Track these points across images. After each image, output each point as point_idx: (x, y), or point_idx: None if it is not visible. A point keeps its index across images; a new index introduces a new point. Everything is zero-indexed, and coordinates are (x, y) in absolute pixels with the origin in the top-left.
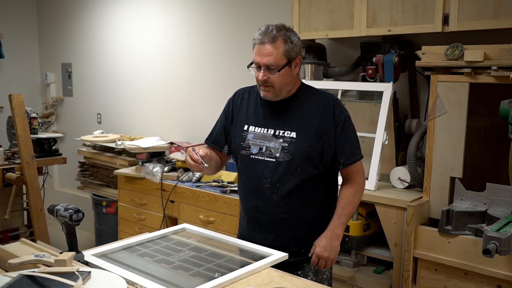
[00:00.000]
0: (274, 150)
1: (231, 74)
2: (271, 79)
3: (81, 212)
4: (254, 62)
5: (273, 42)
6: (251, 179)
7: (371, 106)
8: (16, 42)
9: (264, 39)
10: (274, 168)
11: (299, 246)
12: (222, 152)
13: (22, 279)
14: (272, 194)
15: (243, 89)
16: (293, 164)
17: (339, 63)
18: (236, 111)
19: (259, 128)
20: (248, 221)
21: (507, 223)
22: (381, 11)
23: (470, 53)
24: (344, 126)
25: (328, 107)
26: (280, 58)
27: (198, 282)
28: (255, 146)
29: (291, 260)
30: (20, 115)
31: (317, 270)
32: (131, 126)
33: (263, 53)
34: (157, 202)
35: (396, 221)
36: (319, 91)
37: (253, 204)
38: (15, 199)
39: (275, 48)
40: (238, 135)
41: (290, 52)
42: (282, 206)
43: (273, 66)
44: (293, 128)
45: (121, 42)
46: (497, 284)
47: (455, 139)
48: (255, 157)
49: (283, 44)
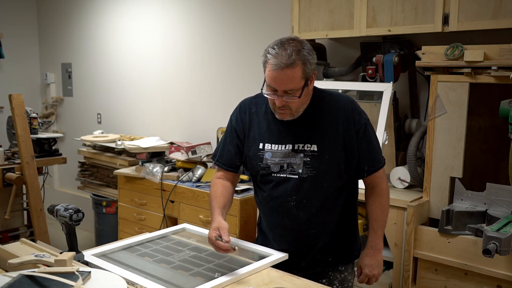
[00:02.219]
0: (296, 166)
1: (231, 74)
2: (290, 103)
3: (81, 212)
4: (268, 86)
5: (293, 67)
6: (274, 198)
7: (371, 106)
8: (16, 42)
9: (281, 63)
10: (298, 185)
11: (325, 255)
12: (237, 173)
13: (22, 279)
14: (298, 211)
15: (247, 101)
16: (318, 179)
17: (339, 63)
18: (247, 128)
19: (276, 145)
20: (274, 239)
21: (507, 223)
22: (381, 11)
23: (470, 53)
24: (366, 132)
25: (347, 113)
26: (299, 82)
27: (198, 282)
28: (275, 164)
29: (318, 270)
30: (20, 115)
31: (343, 279)
32: (131, 126)
33: (281, 80)
34: (157, 202)
35: (396, 221)
36: (333, 94)
37: (278, 223)
38: (15, 199)
39: (294, 73)
40: (254, 155)
41: (308, 73)
42: (310, 222)
43: (292, 92)
44: (313, 141)
45: (121, 42)
46: (497, 284)
47: (455, 139)
48: (276, 175)
49: (302, 67)
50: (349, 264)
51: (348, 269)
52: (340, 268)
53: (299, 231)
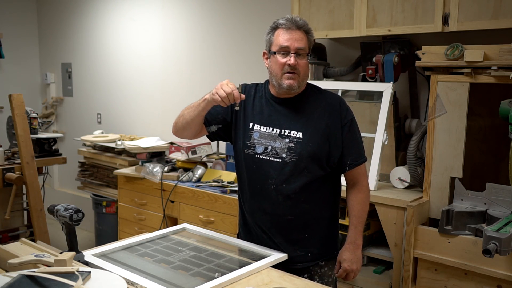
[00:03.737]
0: (280, 150)
1: (231, 73)
2: (300, 64)
3: (81, 212)
4: (281, 47)
5: (304, 29)
6: (256, 179)
7: (371, 106)
8: (16, 42)
9: (295, 24)
10: (280, 168)
11: (305, 250)
12: (207, 128)
13: (22, 279)
14: (278, 195)
15: (249, 85)
16: (300, 165)
17: (339, 63)
18: (242, 106)
19: (264, 127)
20: (255, 224)
21: (507, 223)
22: (381, 11)
23: (470, 53)
24: (351, 127)
25: (335, 108)
26: (306, 45)
27: (198, 282)
28: (260, 145)
29: (298, 266)
30: (20, 115)
31: (323, 274)
32: (131, 126)
33: (294, 38)
34: (157, 202)
35: (396, 221)
36: (324, 91)
37: (258, 205)
38: (15, 199)
39: (304, 34)
40: (243, 133)
41: (310, 43)
42: (288, 207)
43: (303, 51)
44: (299, 128)
45: (121, 42)
46: (497, 284)
47: (455, 139)
48: (260, 156)
49: (308, 35)
50: (329, 260)
51: (329, 264)
52: (320, 263)
53: (277, 215)
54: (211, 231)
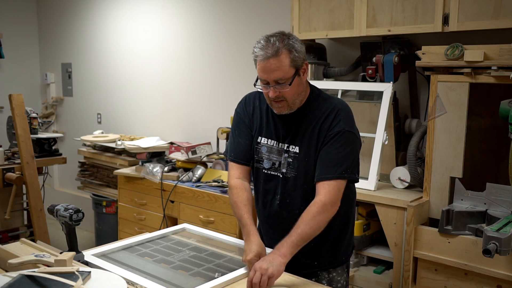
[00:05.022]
0: (282, 165)
1: (231, 73)
2: (283, 93)
3: (81, 212)
4: (260, 79)
5: (278, 55)
6: (264, 194)
7: (371, 106)
8: (16, 42)
9: (267, 53)
10: (283, 184)
11: (311, 259)
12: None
13: (22, 279)
14: (282, 210)
15: (252, 94)
16: (299, 181)
17: (339, 63)
18: (252, 119)
19: (270, 141)
20: (264, 233)
21: (507, 223)
22: (381, 11)
23: (470, 53)
24: (334, 139)
25: (328, 118)
26: (288, 70)
27: (198, 282)
28: (268, 160)
29: (304, 272)
30: (20, 115)
31: (331, 279)
32: (131, 126)
33: (270, 69)
34: (157, 202)
35: (396, 221)
36: (330, 98)
37: (265, 218)
38: (15, 199)
39: (281, 61)
40: (253, 146)
41: (296, 61)
42: (292, 223)
43: (283, 80)
44: (297, 143)
45: (121, 42)
46: (497, 284)
47: (455, 139)
48: (267, 172)
49: (288, 54)
50: (337, 267)
51: (338, 270)
52: (328, 269)
53: (281, 230)
54: (211, 231)
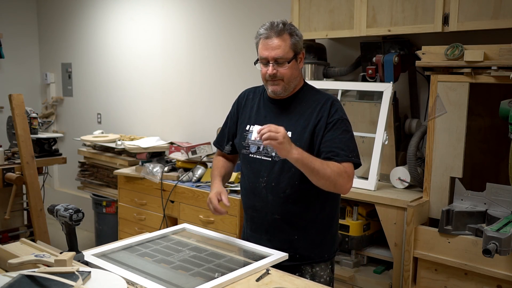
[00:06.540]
0: (270, 149)
1: (231, 73)
2: (281, 72)
3: (81, 212)
4: (260, 58)
5: (280, 35)
6: (250, 178)
7: (371, 106)
8: (16, 42)
9: (271, 33)
10: (270, 167)
11: (293, 251)
12: (223, 151)
13: (22, 279)
14: (267, 193)
15: (248, 89)
16: (287, 163)
17: (339, 63)
18: (240, 112)
19: (259, 127)
20: (246, 220)
21: (507, 223)
22: (381, 11)
23: (470, 53)
24: (336, 125)
25: (325, 106)
26: (288, 51)
27: (198, 282)
28: (254, 145)
29: (286, 264)
30: (20, 115)
31: (314, 273)
32: (131, 126)
33: (271, 47)
34: (157, 202)
35: (396, 221)
36: (320, 91)
37: (250, 203)
38: (15, 199)
39: (283, 41)
40: (240, 134)
41: (296, 45)
42: (276, 206)
43: (282, 59)
44: (289, 127)
45: (121, 42)
46: (497, 284)
47: (455, 139)
48: (253, 156)
49: (289, 37)
50: (320, 263)
51: (321, 265)
52: (311, 263)
53: (266, 213)
54: (211, 231)
